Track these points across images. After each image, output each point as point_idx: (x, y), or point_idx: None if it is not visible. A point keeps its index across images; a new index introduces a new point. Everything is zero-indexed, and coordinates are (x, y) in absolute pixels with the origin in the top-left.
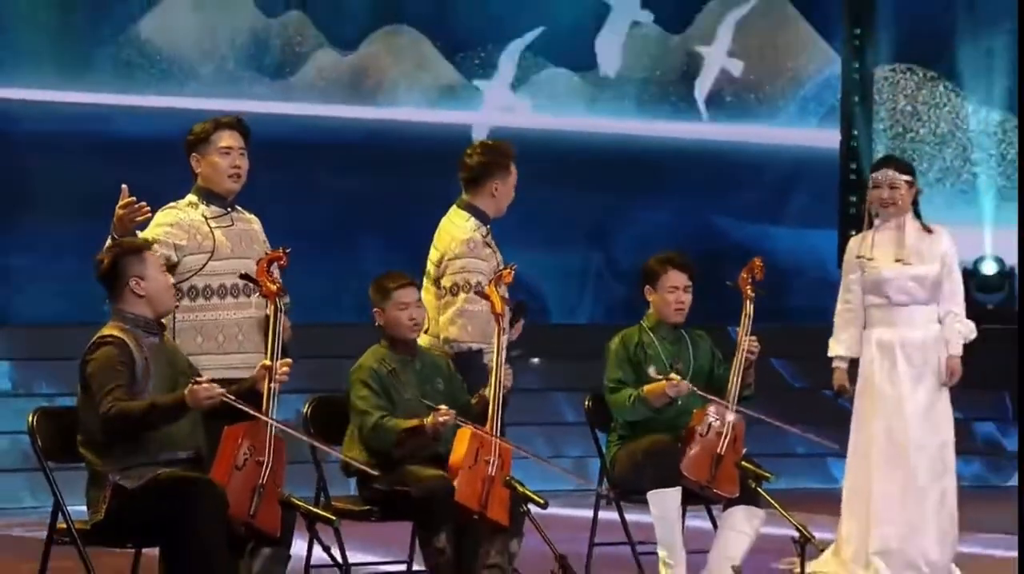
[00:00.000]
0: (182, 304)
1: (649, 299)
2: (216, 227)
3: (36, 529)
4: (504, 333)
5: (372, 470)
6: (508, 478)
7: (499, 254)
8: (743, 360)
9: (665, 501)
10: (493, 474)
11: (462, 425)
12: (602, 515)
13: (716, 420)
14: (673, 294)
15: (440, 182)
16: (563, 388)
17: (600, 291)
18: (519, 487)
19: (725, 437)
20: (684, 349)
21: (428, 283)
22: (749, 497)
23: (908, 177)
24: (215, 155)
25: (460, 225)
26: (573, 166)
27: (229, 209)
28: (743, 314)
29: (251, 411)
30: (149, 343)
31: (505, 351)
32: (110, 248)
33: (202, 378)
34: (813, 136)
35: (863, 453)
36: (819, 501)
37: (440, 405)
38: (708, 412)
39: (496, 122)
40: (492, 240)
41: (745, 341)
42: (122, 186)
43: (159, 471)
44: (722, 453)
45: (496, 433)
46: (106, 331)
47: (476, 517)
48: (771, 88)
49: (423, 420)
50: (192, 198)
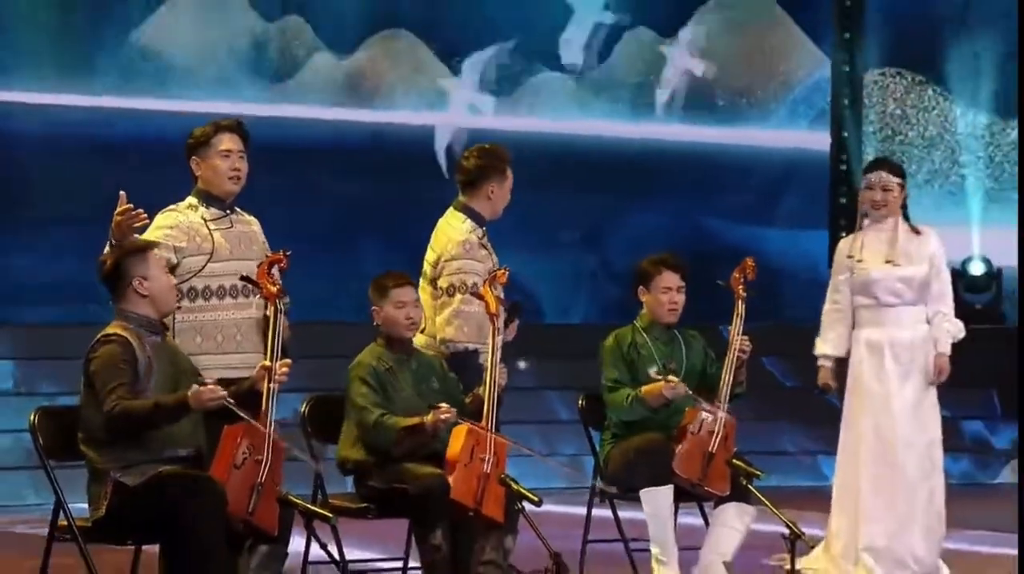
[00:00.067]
0: (182, 305)
1: (643, 300)
2: (215, 229)
3: (39, 526)
4: (499, 333)
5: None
6: (503, 476)
7: (495, 255)
8: (735, 359)
9: (658, 499)
10: (488, 472)
11: (460, 423)
12: (595, 512)
13: (708, 418)
14: (667, 295)
15: (437, 184)
16: (557, 387)
17: (594, 292)
18: (514, 485)
19: (716, 435)
20: (677, 349)
21: (425, 284)
22: (740, 494)
23: (900, 179)
24: (215, 158)
25: (456, 227)
26: (568, 169)
27: (228, 211)
28: (735, 314)
29: (248, 418)
30: (152, 342)
31: (500, 351)
32: (113, 249)
33: (207, 380)
34: (804, 138)
35: (852, 450)
36: (809, 498)
37: (440, 403)
38: (700, 411)
39: (494, 126)
40: (488, 242)
41: (737, 340)
42: (120, 193)
43: (160, 469)
44: (714, 451)
45: (492, 430)
46: (109, 330)
47: (471, 514)
48: (762, 91)
49: (423, 418)
50: (192, 200)
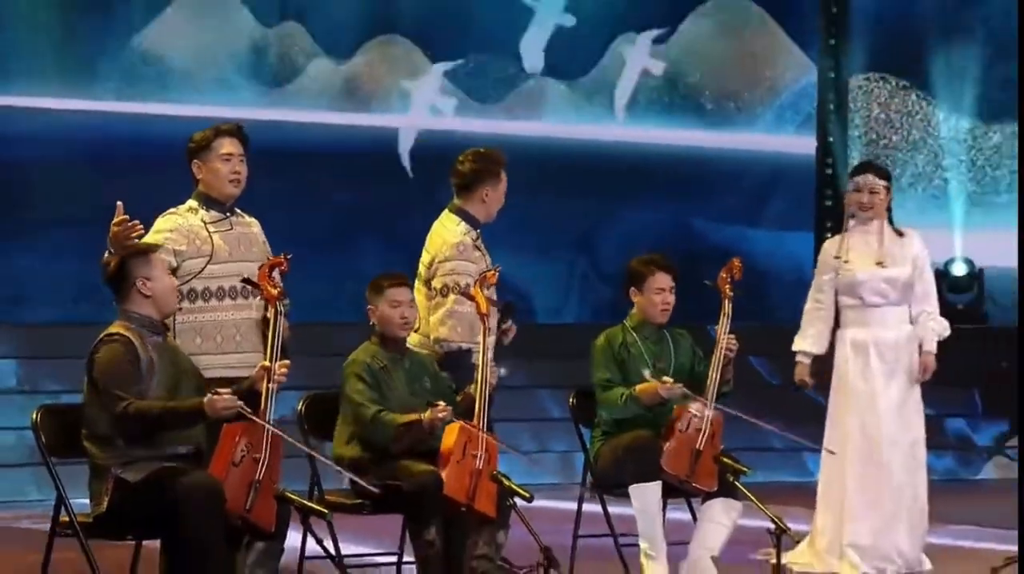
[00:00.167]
0: (183, 306)
1: (634, 300)
2: (215, 231)
3: (42, 522)
4: (490, 333)
5: (371, 487)
6: (495, 472)
7: (488, 257)
8: (722, 358)
9: (646, 494)
10: (480, 468)
11: (454, 421)
12: (586, 508)
13: (695, 416)
14: (660, 295)
15: (434, 186)
16: (548, 385)
17: (585, 292)
18: (506, 481)
19: (704, 432)
20: (666, 348)
21: (419, 284)
22: (727, 490)
23: (886, 182)
24: (216, 161)
25: (451, 229)
26: (560, 172)
27: (228, 214)
28: (722, 313)
29: (261, 422)
30: (153, 342)
31: (491, 350)
32: (117, 251)
33: (222, 391)
34: (790, 143)
35: (838, 448)
36: (794, 494)
37: (438, 402)
38: (688, 408)
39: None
40: (482, 244)
41: (724, 339)
42: (117, 203)
43: (160, 465)
44: (701, 448)
45: (483, 429)
46: (112, 329)
47: (464, 509)
48: (749, 96)
49: (420, 415)
50: (192, 203)
